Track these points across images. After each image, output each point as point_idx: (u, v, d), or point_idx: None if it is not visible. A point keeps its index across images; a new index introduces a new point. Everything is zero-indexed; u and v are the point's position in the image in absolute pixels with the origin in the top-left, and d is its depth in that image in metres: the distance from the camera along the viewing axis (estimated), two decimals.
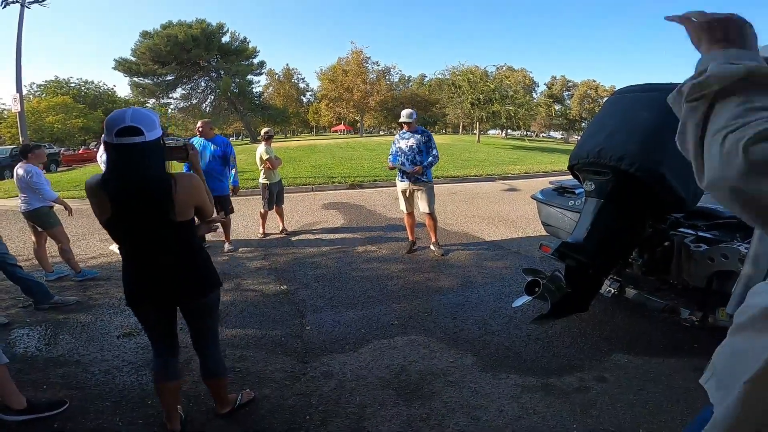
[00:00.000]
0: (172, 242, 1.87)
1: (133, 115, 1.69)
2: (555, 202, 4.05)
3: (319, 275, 4.61)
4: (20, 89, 10.22)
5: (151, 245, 1.85)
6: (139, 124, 1.67)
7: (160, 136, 1.77)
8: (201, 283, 2.00)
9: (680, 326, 3.11)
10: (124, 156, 1.70)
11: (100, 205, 1.75)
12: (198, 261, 2.00)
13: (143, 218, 1.78)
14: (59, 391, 2.52)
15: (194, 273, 1.97)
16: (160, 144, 1.77)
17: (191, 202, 1.86)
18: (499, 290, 4.14)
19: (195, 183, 1.88)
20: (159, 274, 1.90)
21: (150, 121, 1.72)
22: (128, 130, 1.66)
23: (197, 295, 2.00)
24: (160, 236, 1.83)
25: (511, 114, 29.13)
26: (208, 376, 2.19)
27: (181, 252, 1.91)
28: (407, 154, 4.95)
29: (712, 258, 2.62)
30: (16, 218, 7.88)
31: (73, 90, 43.84)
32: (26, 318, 3.50)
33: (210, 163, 5.21)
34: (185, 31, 39.24)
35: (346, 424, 2.28)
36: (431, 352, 3.00)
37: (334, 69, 42.65)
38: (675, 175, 2.45)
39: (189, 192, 1.83)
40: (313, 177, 12.34)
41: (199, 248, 2.02)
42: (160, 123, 1.83)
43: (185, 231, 1.89)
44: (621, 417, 2.32)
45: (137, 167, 1.70)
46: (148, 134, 1.69)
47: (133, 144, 1.68)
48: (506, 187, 11.49)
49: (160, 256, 1.87)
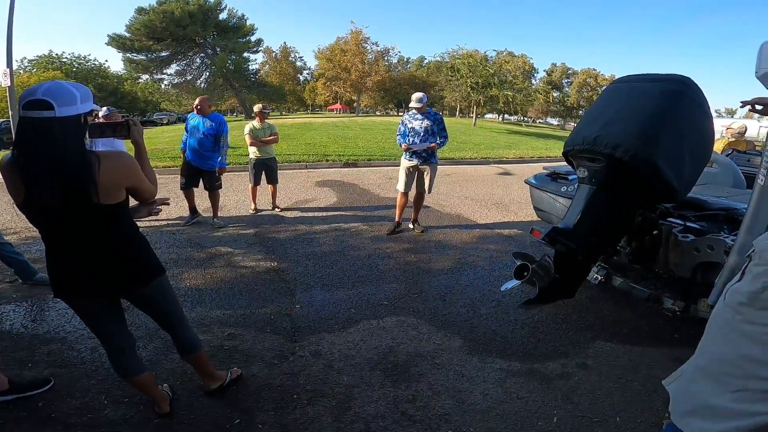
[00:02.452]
0: (98, 228, 1.69)
1: (47, 89, 1.52)
2: (548, 188, 4.05)
3: (310, 253, 4.61)
4: (11, 64, 10.12)
5: (73, 231, 1.67)
6: (49, 98, 1.50)
7: (82, 114, 1.60)
8: (136, 273, 1.84)
9: (663, 316, 3.16)
10: (29, 131, 1.52)
11: (14, 186, 1.57)
12: (131, 248, 1.82)
13: (60, 201, 1.58)
14: (45, 370, 2.50)
15: (127, 261, 1.80)
16: (77, 121, 1.58)
17: (122, 183, 1.69)
18: (488, 273, 4.16)
19: (125, 162, 1.70)
20: (84, 262, 1.72)
21: (65, 94, 1.54)
22: (36, 103, 1.49)
23: (133, 286, 1.85)
24: (81, 221, 1.65)
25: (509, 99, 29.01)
26: (184, 353, 2.14)
27: (109, 238, 1.73)
28: (421, 135, 5.03)
29: (698, 249, 2.64)
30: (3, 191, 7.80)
31: (65, 65, 42.85)
32: (12, 294, 3.47)
33: (202, 139, 5.20)
34: (182, 8, 38.23)
35: (333, 404, 2.30)
36: (419, 334, 3.03)
37: (332, 48, 42.04)
38: (669, 165, 2.45)
39: (117, 172, 1.65)
40: (308, 155, 12.26)
41: (132, 234, 1.83)
42: (92, 100, 1.66)
43: (113, 215, 1.71)
44: (600, 404, 2.37)
45: (45, 144, 1.51)
46: (60, 109, 1.50)
47: (41, 119, 1.49)
48: (500, 171, 11.49)
49: (83, 242, 1.70)
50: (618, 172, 2.57)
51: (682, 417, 1.06)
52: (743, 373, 0.95)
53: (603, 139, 2.57)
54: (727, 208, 2.81)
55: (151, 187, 1.86)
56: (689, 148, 2.56)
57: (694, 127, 2.61)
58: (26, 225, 5.39)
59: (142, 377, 2.04)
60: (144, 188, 1.81)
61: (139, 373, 2.03)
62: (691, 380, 1.09)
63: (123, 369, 2.00)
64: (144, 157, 1.93)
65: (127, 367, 2.00)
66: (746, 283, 0.99)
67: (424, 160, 5.12)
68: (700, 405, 1.02)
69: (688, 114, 2.57)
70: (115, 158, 1.68)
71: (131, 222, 1.84)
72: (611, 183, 2.65)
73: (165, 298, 2.00)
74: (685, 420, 1.05)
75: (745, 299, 0.97)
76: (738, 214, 2.64)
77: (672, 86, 2.59)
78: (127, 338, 2.00)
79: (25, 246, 4.52)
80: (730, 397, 0.95)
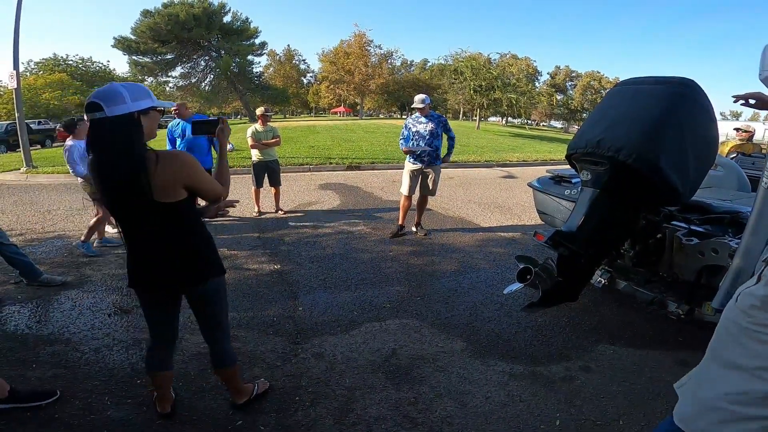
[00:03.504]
0: (159, 224, 1.75)
1: (97, 92, 1.62)
2: (551, 191, 4.04)
3: (313, 256, 4.62)
4: (17, 66, 10.18)
5: (138, 227, 1.77)
6: (99, 99, 1.58)
7: (135, 111, 1.65)
8: (196, 269, 1.88)
9: (667, 319, 3.13)
10: (90, 133, 1.65)
11: (94, 183, 1.72)
12: (193, 245, 1.86)
13: (122, 198, 1.69)
14: (48, 371, 2.51)
15: (189, 258, 1.85)
16: (130, 119, 1.64)
17: (179, 182, 1.71)
18: (491, 276, 4.15)
19: (182, 161, 1.73)
20: (150, 257, 1.82)
21: (113, 95, 1.60)
22: (90, 106, 1.60)
23: (193, 282, 1.89)
24: (143, 218, 1.73)
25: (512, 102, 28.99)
26: (215, 365, 2.13)
27: (171, 235, 1.79)
28: (425, 138, 5.02)
29: (703, 252, 2.62)
30: (11, 192, 7.85)
31: (70, 67, 43.17)
32: (17, 295, 3.49)
33: (199, 140, 5.29)
34: (186, 10, 38.51)
35: (334, 406, 2.30)
36: (422, 337, 3.03)
37: (335, 51, 42.17)
38: (672, 168, 2.44)
39: (174, 171, 1.68)
40: (311, 157, 12.30)
41: (195, 232, 1.87)
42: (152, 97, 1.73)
43: (174, 213, 1.75)
44: (603, 408, 2.35)
45: (102, 144, 1.63)
46: (108, 109, 1.58)
47: (95, 120, 1.61)
48: (504, 174, 11.47)
49: (147, 238, 1.79)
50: (621, 175, 2.56)
51: (687, 419, 1.05)
52: (751, 377, 0.95)
53: (606, 142, 2.56)
54: (732, 211, 2.79)
55: (216, 187, 1.88)
56: (693, 150, 2.55)
57: (698, 130, 2.60)
58: (31, 227, 5.43)
59: (167, 374, 2.13)
60: (206, 188, 1.82)
61: (168, 369, 2.13)
62: (699, 383, 1.09)
63: (157, 361, 2.08)
64: (223, 157, 2.01)
65: (161, 360, 2.09)
66: (761, 287, 0.99)
67: (428, 163, 5.12)
68: (707, 408, 1.01)
69: (691, 117, 2.56)
70: (172, 157, 1.73)
71: (195, 220, 1.89)
72: (615, 186, 2.64)
73: (219, 301, 2.02)
74: (690, 423, 1.04)
75: (758, 302, 0.97)
76: (742, 218, 2.62)
77: (675, 89, 2.58)
78: (174, 334, 2.10)
79: (30, 248, 4.55)
80: (738, 400, 0.95)
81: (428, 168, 5.15)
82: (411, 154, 5.11)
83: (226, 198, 1.99)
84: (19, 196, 7.53)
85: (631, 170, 2.47)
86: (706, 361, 1.10)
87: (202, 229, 1.91)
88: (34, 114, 31.05)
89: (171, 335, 2.09)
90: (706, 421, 1.00)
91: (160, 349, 2.08)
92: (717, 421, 0.98)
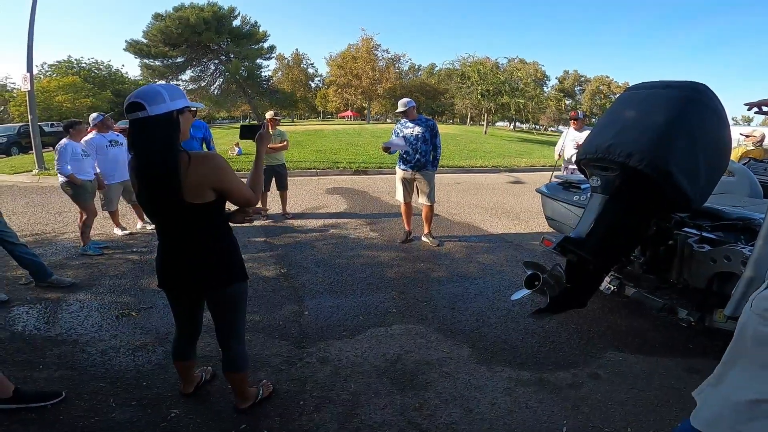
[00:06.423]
0: (188, 225, 1.79)
1: (138, 92, 1.67)
2: (560, 197, 4.00)
3: (319, 260, 4.62)
4: (31, 69, 10.32)
5: (168, 226, 1.84)
6: (140, 99, 1.63)
7: (174, 110, 1.69)
8: (220, 273, 1.90)
9: (676, 326, 3.09)
10: (132, 132, 1.70)
11: (133, 180, 1.79)
12: (218, 249, 1.88)
13: (156, 197, 1.75)
14: (55, 372, 2.52)
15: (213, 261, 1.87)
16: (169, 118, 1.68)
17: (208, 184, 1.73)
18: (498, 282, 4.12)
19: (214, 164, 1.75)
20: (177, 257, 1.86)
21: (154, 94, 1.65)
22: (132, 106, 1.64)
23: (218, 284, 1.91)
24: (173, 217, 1.78)
25: (520, 107, 28.91)
26: (226, 369, 2.14)
27: (198, 236, 1.82)
28: (412, 143, 4.89)
29: (715, 259, 2.58)
30: (22, 193, 7.95)
31: (83, 70, 43.74)
32: (26, 295, 3.52)
33: (191, 142, 5.29)
34: (197, 14, 39.18)
35: (339, 411, 2.28)
36: (428, 342, 3.00)
37: (343, 55, 42.48)
38: (683, 174, 2.41)
39: (204, 173, 1.71)
40: (318, 161, 12.34)
41: (221, 235, 1.89)
42: None
43: (203, 215, 1.78)
44: (611, 415, 2.31)
45: (142, 143, 1.68)
46: (151, 108, 1.62)
47: (137, 120, 1.65)
48: (512, 180, 11.42)
49: (176, 238, 1.84)
50: (631, 181, 2.53)
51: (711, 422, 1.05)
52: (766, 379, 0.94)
53: (616, 147, 2.53)
54: (744, 217, 2.75)
55: (247, 193, 1.88)
56: (704, 156, 2.52)
57: (710, 135, 2.56)
58: (42, 228, 5.49)
59: (189, 363, 2.28)
60: (235, 193, 1.83)
61: (189, 359, 2.27)
62: (716, 387, 1.09)
63: (182, 352, 2.22)
64: (258, 163, 2.01)
65: (185, 351, 2.22)
66: None
67: (418, 169, 4.94)
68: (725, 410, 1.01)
69: (702, 121, 2.53)
70: (204, 159, 1.75)
71: (223, 223, 1.91)
72: (625, 192, 2.61)
73: (238, 305, 2.05)
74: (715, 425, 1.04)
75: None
76: (755, 224, 2.58)
77: (686, 93, 2.54)
78: (198, 328, 2.23)
79: (40, 249, 4.59)
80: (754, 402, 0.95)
81: (419, 174, 4.97)
82: (400, 160, 5.01)
83: (256, 205, 1.99)
84: (30, 197, 7.62)
85: (642, 176, 2.44)
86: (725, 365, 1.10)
87: (229, 234, 1.95)
88: (47, 116, 31.48)
89: (194, 330, 2.21)
90: (733, 420, 1.00)
91: (183, 341, 2.20)
92: (734, 422, 0.98)
